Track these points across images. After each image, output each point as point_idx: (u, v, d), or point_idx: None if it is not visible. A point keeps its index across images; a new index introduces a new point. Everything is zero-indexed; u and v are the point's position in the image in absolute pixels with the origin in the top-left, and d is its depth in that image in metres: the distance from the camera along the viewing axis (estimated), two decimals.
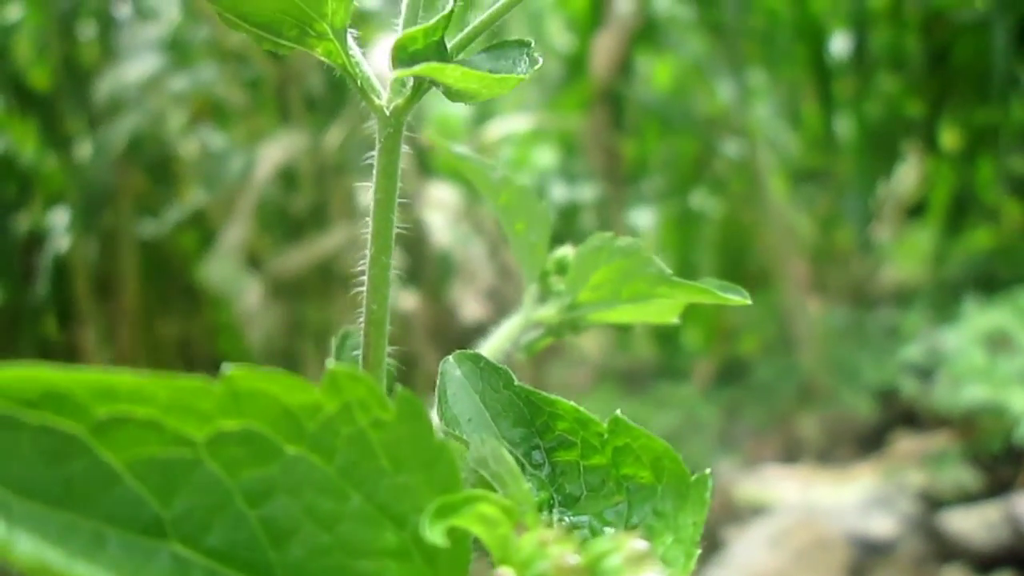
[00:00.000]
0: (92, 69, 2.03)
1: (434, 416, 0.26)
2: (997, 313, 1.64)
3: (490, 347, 0.35)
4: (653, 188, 2.67)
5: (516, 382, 0.23)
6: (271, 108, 1.87)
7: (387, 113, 0.32)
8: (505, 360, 0.36)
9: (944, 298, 2.24)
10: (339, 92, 1.80)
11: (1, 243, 2.24)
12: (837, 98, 2.52)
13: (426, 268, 1.65)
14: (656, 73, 2.73)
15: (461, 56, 0.31)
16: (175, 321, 2.43)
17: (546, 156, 2.71)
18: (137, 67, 1.66)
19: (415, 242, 1.61)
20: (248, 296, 1.57)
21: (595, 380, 2.37)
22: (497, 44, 0.32)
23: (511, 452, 0.21)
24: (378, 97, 0.32)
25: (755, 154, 2.36)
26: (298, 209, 1.73)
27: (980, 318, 1.67)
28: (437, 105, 1.94)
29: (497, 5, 0.33)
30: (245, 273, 1.61)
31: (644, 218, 2.67)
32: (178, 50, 1.89)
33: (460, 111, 2.16)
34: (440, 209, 1.66)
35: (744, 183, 2.44)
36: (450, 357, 0.24)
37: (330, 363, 0.17)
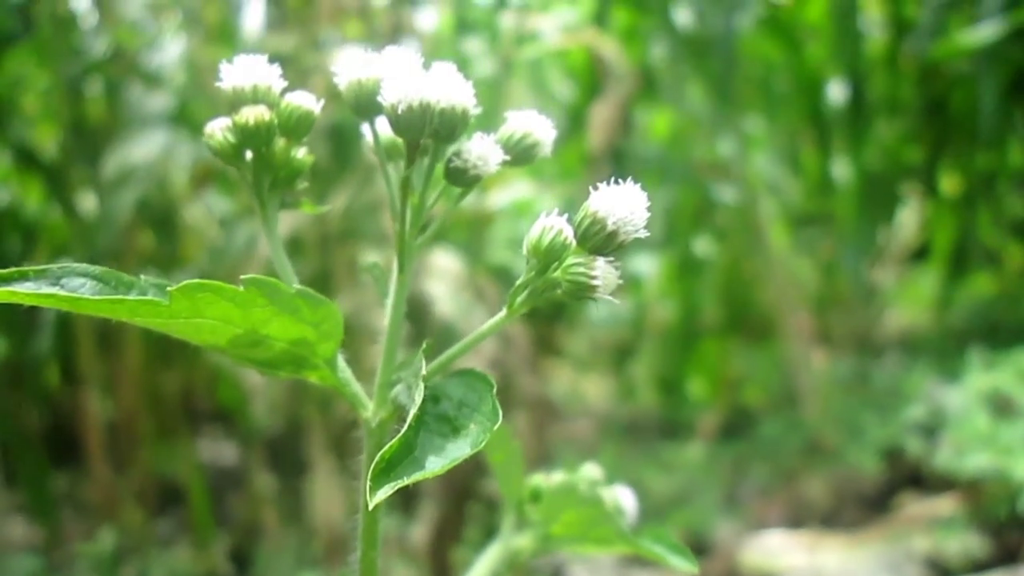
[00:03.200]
0: (99, 129, 2.09)
1: None
2: (999, 375, 1.66)
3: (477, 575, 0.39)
4: (653, 235, 2.72)
5: None
6: None
7: (373, 426, 0.36)
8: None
9: (948, 347, 2.27)
10: (342, 160, 1.85)
11: None
12: (836, 144, 2.57)
13: (432, 338, 1.69)
14: (654, 123, 2.79)
15: (433, 380, 0.36)
16: (176, 374, 2.47)
17: (548, 205, 2.76)
18: (144, 145, 1.71)
19: (417, 313, 1.65)
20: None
21: (600, 433, 2.39)
22: (467, 374, 0.36)
23: None
24: (365, 410, 0.36)
25: (755, 202, 2.41)
26: (303, 276, 1.78)
27: (982, 379, 1.69)
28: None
29: (462, 343, 0.38)
30: None
31: (645, 265, 2.71)
32: (184, 119, 1.95)
33: None
34: (441, 278, 1.70)
35: (744, 232, 2.48)
36: None
37: None
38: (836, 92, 2.57)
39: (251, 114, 0.49)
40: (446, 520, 1.72)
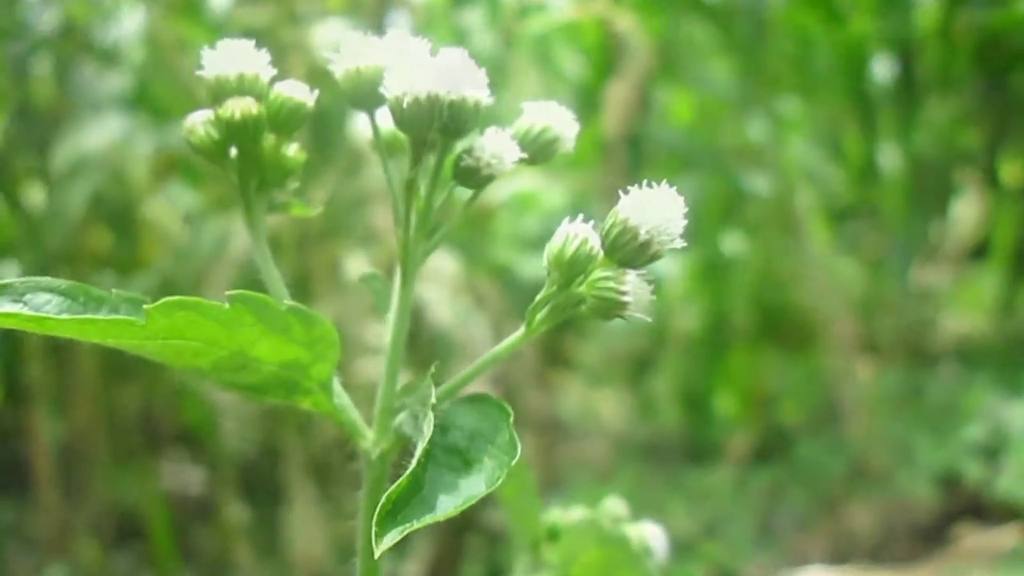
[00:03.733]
0: (48, 114, 2.09)
1: None
2: None
3: None
4: None
5: None
6: None
7: (373, 457, 0.36)
8: None
9: (1012, 357, 2.27)
10: (324, 148, 1.86)
11: None
12: (882, 128, 2.58)
13: (424, 350, 1.70)
14: (676, 105, 2.79)
15: (441, 407, 0.36)
16: (136, 389, 2.47)
17: (556, 197, 2.77)
18: (98, 131, 1.72)
19: (412, 321, 1.65)
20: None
21: (616, 455, 2.39)
22: (478, 399, 0.37)
23: None
24: (365, 440, 0.36)
25: (791, 193, 2.41)
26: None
27: None
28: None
29: (474, 366, 0.38)
30: None
31: (667, 266, 2.71)
32: (143, 102, 1.95)
33: None
34: (435, 280, 1.71)
35: (779, 227, 2.48)
36: None
37: None
38: (882, 68, 2.57)
39: (237, 107, 0.49)
40: (442, 555, 1.73)
